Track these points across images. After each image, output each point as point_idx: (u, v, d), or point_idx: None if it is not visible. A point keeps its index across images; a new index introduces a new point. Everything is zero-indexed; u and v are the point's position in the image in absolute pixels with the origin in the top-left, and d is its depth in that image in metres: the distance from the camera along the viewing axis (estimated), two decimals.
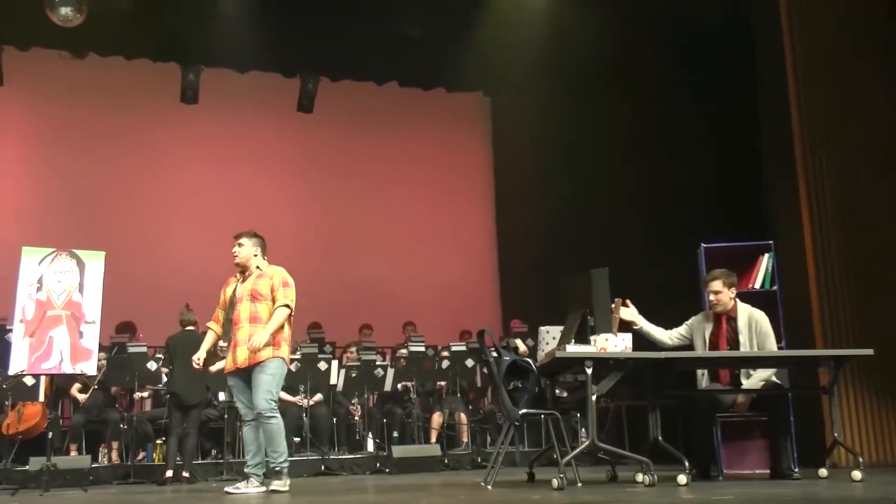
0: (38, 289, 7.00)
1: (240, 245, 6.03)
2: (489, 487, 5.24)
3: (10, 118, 11.22)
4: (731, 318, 5.78)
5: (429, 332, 10.17)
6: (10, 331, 7.63)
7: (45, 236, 8.71)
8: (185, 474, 7.39)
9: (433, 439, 8.95)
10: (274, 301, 5.85)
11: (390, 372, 9.03)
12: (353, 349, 9.47)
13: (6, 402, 7.86)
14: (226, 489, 5.70)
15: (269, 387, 5.69)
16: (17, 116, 11.27)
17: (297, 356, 8.82)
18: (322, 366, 8.73)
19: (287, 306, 5.83)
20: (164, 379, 8.19)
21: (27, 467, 7.32)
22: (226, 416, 8.26)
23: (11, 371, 7.26)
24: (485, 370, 8.10)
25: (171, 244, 11.34)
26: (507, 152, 12.96)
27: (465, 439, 9.15)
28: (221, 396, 8.36)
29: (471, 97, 13.01)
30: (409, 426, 9.07)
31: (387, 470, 8.14)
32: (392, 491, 5.68)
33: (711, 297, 5.78)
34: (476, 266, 12.88)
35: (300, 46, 10.59)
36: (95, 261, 7.19)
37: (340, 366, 9.00)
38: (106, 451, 8.27)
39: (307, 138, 12.20)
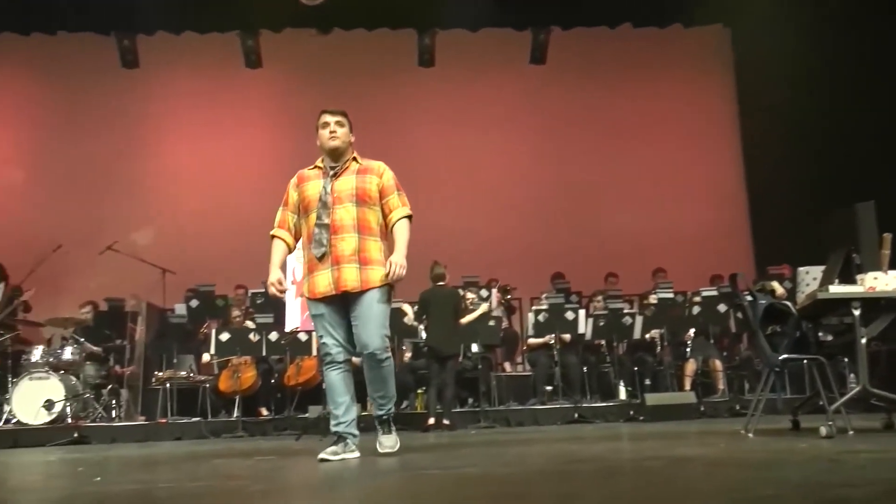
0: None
1: (339, 124, 4.61)
2: (750, 435, 5.06)
3: (268, 97, 12.17)
4: None
5: (677, 278, 9.92)
6: (284, 291, 8.35)
7: None
8: (446, 422, 7.77)
9: (687, 387, 8.76)
10: (383, 208, 4.56)
11: (639, 319, 8.93)
12: (600, 298, 9.45)
13: (285, 357, 8.67)
14: (320, 455, 4.33)
15: (384, 319, 4.44)
16: (275, 94, 12.20)
17: (544, 306, 8.97)
18: (569, 315, 8.80)
19: (410, 217, 4.60)
20: (422, 333, 8.61)
21: (307, 415, 8.05)
22: (479, 366, 8.58)
23: (287, 328, 7.98)
24: (738, 315, 7.81)
25: (418, 202, 11.79)
26: (753, 87, 12.17)
27: (720, 386, 8.88)
28: (474, 348, 8.67)
29: (710, 31, 12.37)
30: (662, 374, 8.94)
31: (640, 418, 8.10)
32: (647, 438, 5.65)
33: None
34: (724, 209, 12.30)
35: None
36: None
37: (587, 315, 9.03)
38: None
39: (542, 90, 12.19)
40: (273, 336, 8.41)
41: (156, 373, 8.98)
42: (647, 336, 9.08)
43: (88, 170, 11.79)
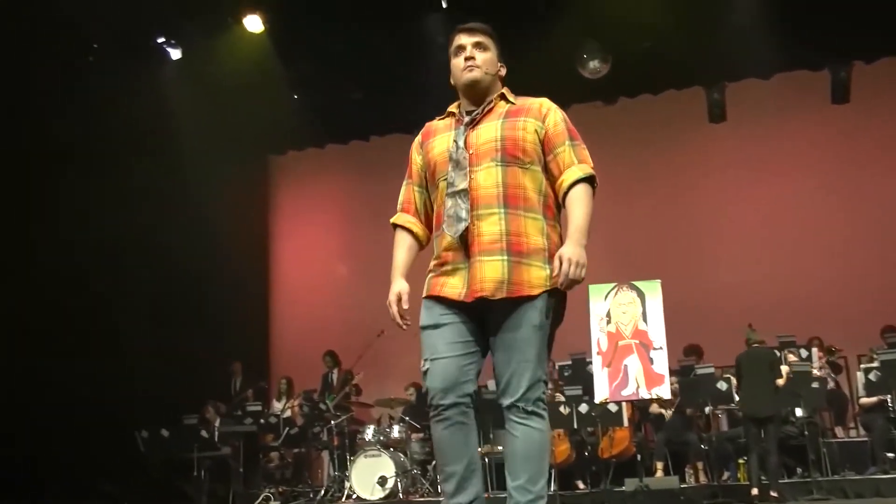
0: (608, 322, 7.66)
1: (480, 47, 3.07)
2: None
3: None
4: None
5: None
6: (590, 363, 8.44)
7: (606, 273, 9.43)
8: (773, 494, 7.28)
9: None
10: (550, 166, 3.02)
11: None
12: None
13: (597, 429, 8.66)
14: None
15: (540, 350, 2.92)
16: None
17: (875, 364, 8.18)
18: None
19: (592, 179, 3.00)
20: (736, 397, 8.21)
21: (623, 488, 7.94)
22: (805, 432, 7.99)
23: (597, 399, 8.01)
24: None
25: (722, 264, 11.38)
26: None
27: None
28: (798, 412, 8.09)
29: None
30: None
31: None
32: None
33: None
34: None
35: (823, 36, 9.95)
36: (653, 289, 7.63)
37: None
38: (692, 471, 8.56)
39: (848, 130, 11.32)
40: (583, 408, 8.43)
41: None
42: None
43: None
